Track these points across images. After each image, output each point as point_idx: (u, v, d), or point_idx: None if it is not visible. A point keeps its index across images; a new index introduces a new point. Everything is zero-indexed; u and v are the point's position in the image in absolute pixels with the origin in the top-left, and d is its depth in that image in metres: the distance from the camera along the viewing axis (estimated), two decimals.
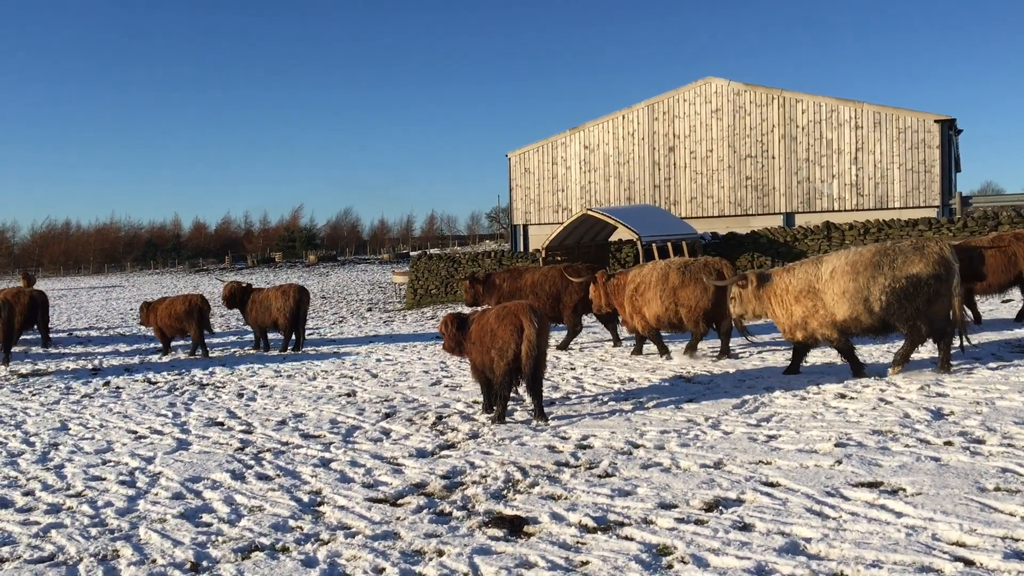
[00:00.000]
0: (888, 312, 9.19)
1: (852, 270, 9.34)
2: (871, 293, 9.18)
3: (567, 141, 35.88)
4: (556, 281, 13.96)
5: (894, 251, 9.26)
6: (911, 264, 9.13)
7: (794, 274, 9.87)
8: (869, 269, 9.25)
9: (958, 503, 5.26)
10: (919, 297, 9.09)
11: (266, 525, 5.76)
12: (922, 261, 9.12)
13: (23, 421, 10.17)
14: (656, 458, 6.85)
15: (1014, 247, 12.98)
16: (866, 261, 9.30)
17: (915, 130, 30.17)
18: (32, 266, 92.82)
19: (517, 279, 14.40)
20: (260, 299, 16.36)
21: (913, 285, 9.07)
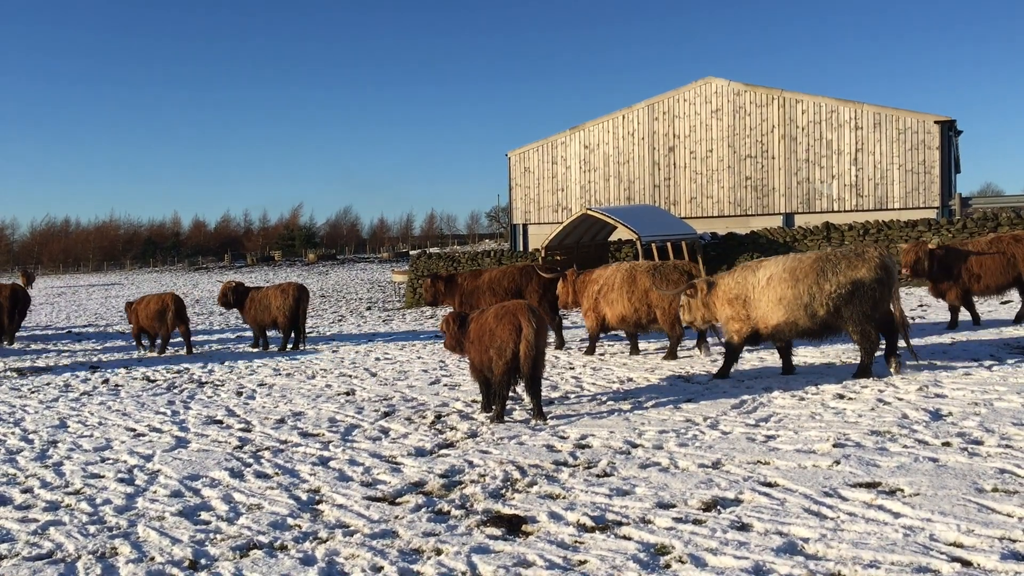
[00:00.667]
0: (835, 317, 9.43)
1: (791, 277, 9.55)
2: (815, 299, 9.40)
3: (567, 140, 35.88)
4: (514, 278, 14.28)
5: (836, 257, 9.50)
6: (855, 270, 9.37)
7: (734, 278, 10.17)
8: (811, 276, 9.45)
9: (956, 504, 5.27)
10: (865, 301, 9.35)
11: (264, 523, 5.76)
12: (865, 266, 9.36)
13: (22, 418, 10.17)
14: (654, 458, 6.85)
15: (1012, 249, 13.02)
16: (806, 268, 9.51)
17: (915, 131, 30.19)
18: (31, 263, 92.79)
19: (477, 278, 14.73)
20: (259, 298, 16.39)
21: (858, 290, 9.32)
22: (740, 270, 10.21)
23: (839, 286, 9.34)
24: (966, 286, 13.23)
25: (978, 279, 13.14)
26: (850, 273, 9.36)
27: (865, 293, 9.33)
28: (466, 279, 14.90)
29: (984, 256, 13.00)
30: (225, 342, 18.40)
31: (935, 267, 13.17)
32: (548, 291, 14.14)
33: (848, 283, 9.33)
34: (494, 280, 14.49)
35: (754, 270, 10.00)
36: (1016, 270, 13.06)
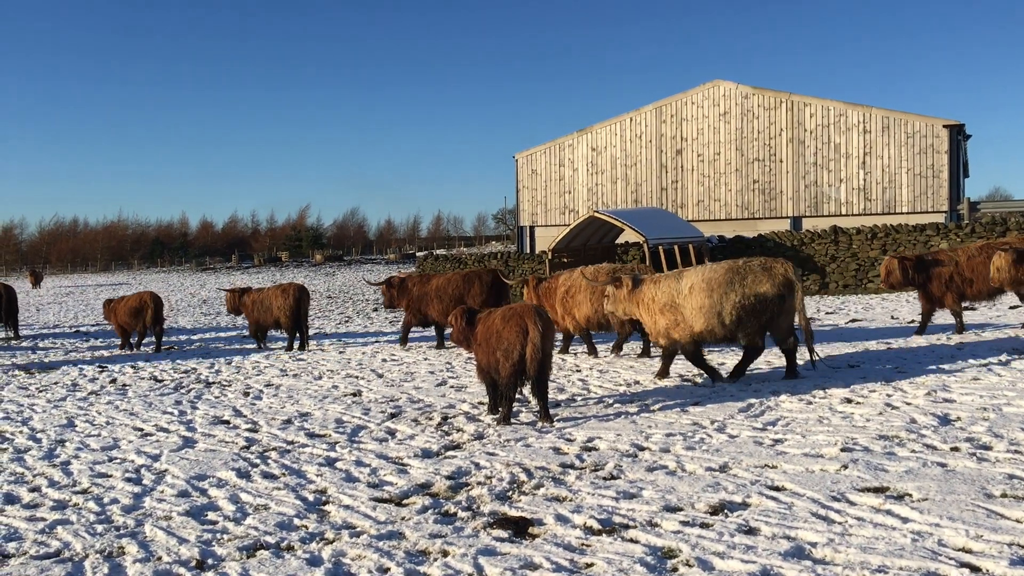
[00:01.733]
0: (737, 326, 9.89)
1: (707, 287, 9.95)
2: (723, 308, 9.82)
3: (574, 143, 35.89)
4: (458, 284, 14.94)
5: (744, 270, 9.90)
6: (759, 283, 9.81)
7: (659, 286, 10.46)
8: (722, 286, 9.87)
9: (965, 509, 5.25)
10: (765, 313, 9.80)
11: (271, 524, 5.77)
12: (769, 281, 9.80)
13: (30, 417, 10.20)
14: (661, 461, 6.84)
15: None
16: (719, 279, 9.92)
17: (924, 135, 30.13)
18: (39, 263, 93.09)
19: (426, 283, 15.33)
20: (260, 299, 16.50)
21: (760, 302, 9.76)
22: (665, 278, 10.54)
23: (744, 297, 9.77)
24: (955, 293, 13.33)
25: (971, 283, 13.23)
26: (755, 286, 9.80)
27: (767, 306, 9.77)
28: (416, 284, 15.44)
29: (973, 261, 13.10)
30: (231, 341, 18.43)
31: (910, 276, 13.46)
32: (489, 297, 14.74)
33: (752, 295, 9.76)
34: (440, 286, 15.14)
35: (678, 279, 10.38)
36: None
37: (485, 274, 15.12)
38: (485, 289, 14.78)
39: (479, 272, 15.20)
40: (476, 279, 15.01)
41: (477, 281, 14.95)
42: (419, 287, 15.31)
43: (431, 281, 15.29)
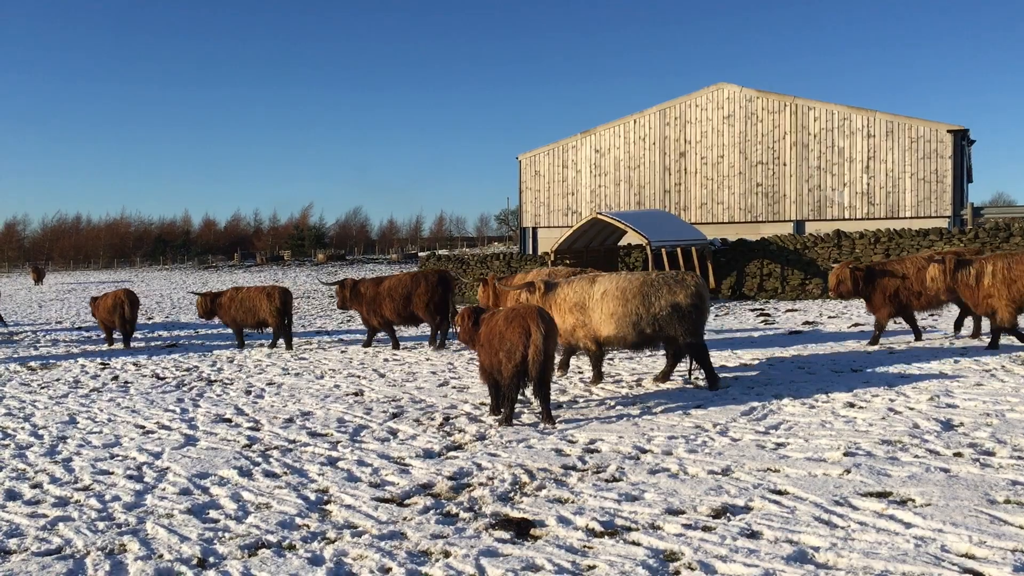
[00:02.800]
0: (658, 333, 10.33)
1: (622, 296, 10.36)
2: (642, 318, 10.23)
3: (578, 144, 35.89)
4: (407, 285, 15.51)
5: (660, 281, 10.40)
6: (675, 295, 10.30)
7: (572, 287, 10.85)
8: (639, 297, 10.30)
9: (968, 515, 5.24)
10: (685, 321, 10.25)
11: (273, 522, 5.76)
12: (683, 292, 10.31)
13: (32, 414, 10.20)
14: (664, 463, 6.83)
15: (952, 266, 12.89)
16: (635, 289, 10.35)
17: (927, 140, 30.12)
18: (42, 260, 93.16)
19: (378, 285, 15.86)
20: (239, 299, 16.69)
21: (677, 311, 10.23)
22: (578, 281, 10.92)
23: (662, 308, 10.23)
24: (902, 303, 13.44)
25: (918, 296, 13.31)
26: (670, 297, 10.29)
27: (684, 315, 10.23)
28: (368, 286, 15.96)
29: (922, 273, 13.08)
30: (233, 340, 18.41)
31: (860, 286, 13.51)
32: (434, 296, 15.29)
33: (668, 306, 10.23)
34: (391, 287, 15.66)
35: (591, 282, 10.76)
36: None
37: (432, 274, 15.71)
38: (431, 288, 15.37)
39: (426, 272, 15.81)
40: (423, 279, 15.56)
41: (424, 281, 15.51)
42: (372, 288, 15.89)
43: (383, 283, 15.89)
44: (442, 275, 15.68)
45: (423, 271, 15.97)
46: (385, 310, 15.61)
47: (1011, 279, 11.80)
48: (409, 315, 15.56)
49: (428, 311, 15.34)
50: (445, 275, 15.71)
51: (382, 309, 15.63)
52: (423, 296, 15.29)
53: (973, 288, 12.15)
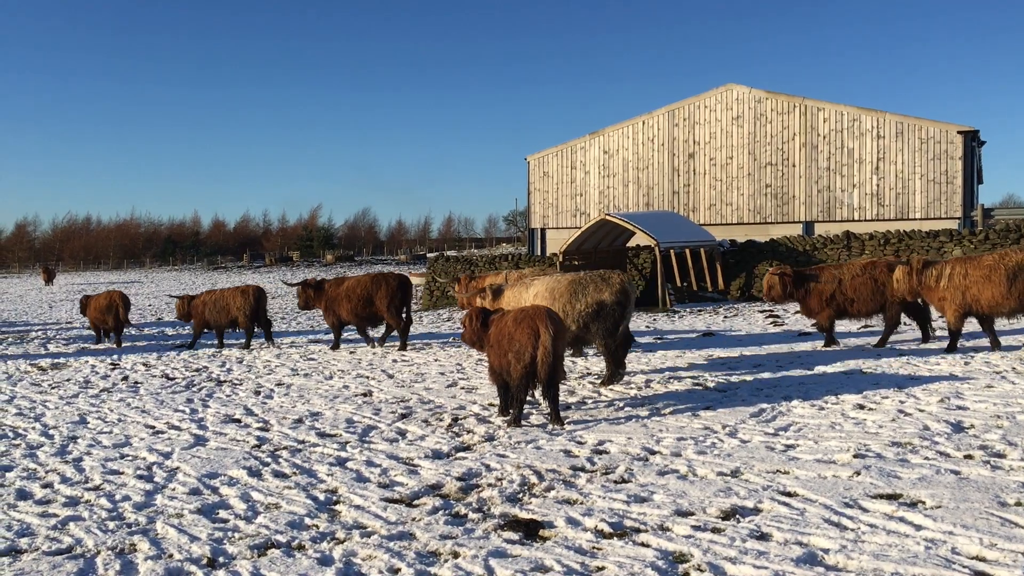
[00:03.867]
0: (584, 331, 10.68)
1: (550, 295, 10.81)
2: (568, 316, 10.52)
3: (587, 145, 35.87)
4: (367, 286, 15.82)
5: (586, 280, 10.80)
6: (601, 293, 10.66)
7: (512, 290, 11.42)
8: (565, 295, 10.73)
9: (978, 517, 5.21)
10: (608, 319, 10.58)
11: (282, 523, 5.78)
12: (609, 290, 10.65)
13: (42, 414, 10.25)
14: (673, 465, 6.82)
15: (884, 275, 13.21)
16: (562, 289, 10.80)
17: (938, 141, 30.00)
18: (52, 260, 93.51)
19: (339, 286, 16.26)
20: (214, 300, 17.15)
21: (602, 309, 10.57)
22: (518, 285, 11.49)
23: (587, 306, 10.58)
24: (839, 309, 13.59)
25: (851, 303, 13.45)
26: (596, 295, 10.66)
27: (609, 311, 10.56)
28: (330, 286, 16.37)
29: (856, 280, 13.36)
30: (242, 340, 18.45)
31: (789, 290, 13.77)
32: (394, 299, 15.70)
33: (594, 303, 10.58)
34: (351, 288, 15.98)
35: (527, 286, 11.29)
36: (884, 296, 13.26)
37: (392, 277, 16.07)
38: (391, 291, 15.73)
39: (386, 275, 16.17)
40: (383, 282, 15.89)
41: (384, 284, 15.84)
42: (333, 289, 16.26)
43: (344, 283, 16.24)
44: (402, 279, 16.12)
45: (384, 274, 16.34)
46: (342, 310, 16.04)
47: (965, 286, 11.95)
48: (369, 315, 15.95)
49: (391, 312, 15.73)
50: (405, 279, 16.15)
51: (341, 309, 16.04)
52: (383, 299, 15.67)
53: (932, 289, 12.34)
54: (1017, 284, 11.60)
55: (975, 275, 11.88)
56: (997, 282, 11.68)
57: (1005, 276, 11.65)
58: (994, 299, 11.75)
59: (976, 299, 11.89)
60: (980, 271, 11.86)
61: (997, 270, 11.72)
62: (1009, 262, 11.71)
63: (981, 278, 11.80)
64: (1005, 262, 11.74)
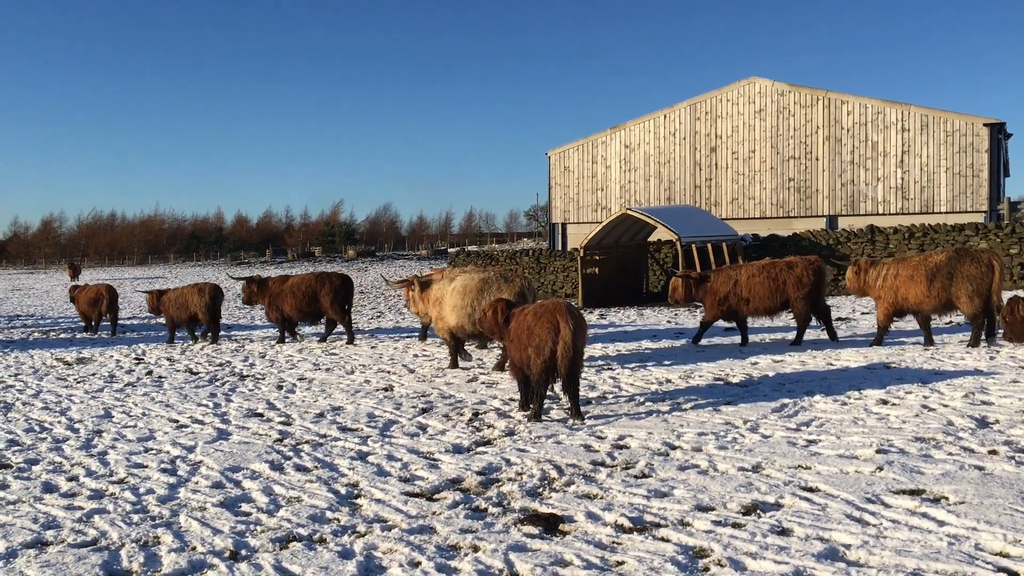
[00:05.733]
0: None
1: (463, 291, 12.00)
2: (475, 310, 11.68)
3: (607, 140, 35.77)
4: (310, 284, 16.45)
5: (492, 280, 11.90)
6: (501, 292, 11.74)
7: (439, 284, 12.69)
8: (474, 292, 11.90)
9: (1002, 513, 5.17)
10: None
11: (304, 516, 5.81)
12: (508, 290, 11.81)
13: (68, 408, 10.36)
14: (693, 460, 6.80)
15: (784, 274, 13.61)
16: (472, 287, 11.99)
17: (963, 133, 29.66)
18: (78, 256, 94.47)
19: (283, 283, 16.81)
20: (174, 297, 17.80)
21: None
22: (444, 280, 12.64)
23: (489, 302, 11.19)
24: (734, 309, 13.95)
25: (747, 303, 13.79)
26: (497, 294, 11.66)
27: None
28: (275, 283, 16.92)
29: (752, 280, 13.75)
30: (266, 334, 18.59)
31: (693, 291, 14.28)
32: (337, 296, 16.28)
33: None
34: (295, 285, 16.58)
35: (449, 281, 12.48)
36: (785, 295, 13.61)
37: (335, 276, 16.62)
38: (333, 289, 16.29)
39: (329, 274, 16.69)
40: (326, 280, 16.44)
41: (327, 282, 16.39)
42: (277, 285, 16.79)
43: (288, 280, 16.77)
44: (344, 278, 16.70)
45: (327, 272, 16.84)
46: (286, 306, 16.59)
47: (895, 284, 12.57)
48: (311, 312, 16.54)
49: (335, 309, 16.32)
50: (347, 278, 16.75)
51: (284, 305, 16.58)
52: (326, 296, 16.26)
53: (872, 288, 12.93)
54: (935, 284, 12.20)
55: (904, 275, 12.50)
56: (919, 282, 12.31)
57: (925, 276, 12.28)
58: (917, 298, 12.38)
59: (905, 298, 12.51)
60: (907, 271, 12.48)
61: (919, 270, 12.35)
62: (930, 263, 12.34)
63: (907, 278, 12.44)
64: (927, 263, 12.38)
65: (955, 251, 12.37)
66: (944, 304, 12.27)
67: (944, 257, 12.27)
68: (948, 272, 12.12)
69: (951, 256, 12.24)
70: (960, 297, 12.07)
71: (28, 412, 10.17)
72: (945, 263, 12.19)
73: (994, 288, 11.95)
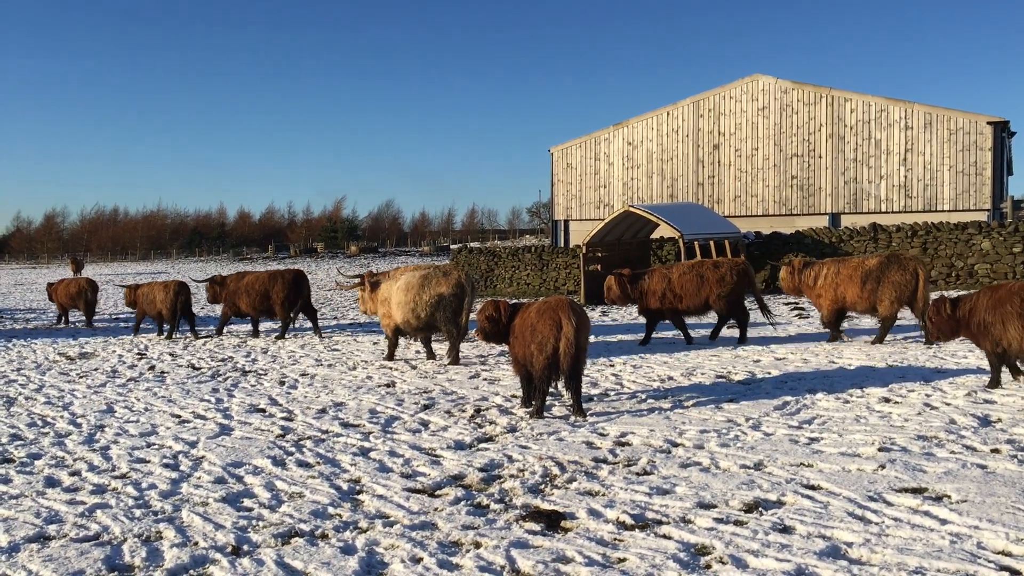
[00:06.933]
0: (431, 318, 12.40)
1: (406, 287, 12.53)
2: (417, 305, 12.33)
3: (610, 137, 35.73)
4: (264, 282, 16.94)
5: (432, 275, 12.47)
6: (440, 286, 12.30)
7: (387, 283, 13.05)
8: (415, 288, 12.42)
9: (1005, 512, 5.16)
10: (448, 309, 12.27)
11: (306, 512, 5.82)
12: (447, 284, 12.31)
13: (70, 403, 10.38)
14: (695, 457, 6.80)
15: (708, 273, 13.99)
16: (414, 283, 12.48)
17: (967, 131, 29.60)
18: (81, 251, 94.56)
19: (240, 280, 17.36)
20: (145, 292, 18.30)
21: (442, 300, 12.28)
22: (389, 279, 13.11)
23: (431, 297, 12.29)
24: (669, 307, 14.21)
25: (680, 300, 14.11)
26: (437, 288, 12.30)
27: (447, 302, 12.26)
28: (232, 281, 17.45)
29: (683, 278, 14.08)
30: (267, 331, 18.59)
31: (628, 290, 14.42)
32: (290, 293, 16.67)
33: (436, 295, 12.28)
34: (250, 283, 17.08)
35: (394, 280, 12.96)
36: (706, 293, 13.96)
37: (288, 273, 17.02)
38: (287, 286, 16.74)
39: (282, 272, 17.12)
40: (280, 277, 16.90)
41: (280, 279, 16.86)
42: (234, 283, 17.31)
43: (245, 278, 17.30)
44: (297, 274, 17.02)
45: (281, 270, 17.25)
46: (241, 303, 17.07)
47: (836, 283, 13.12)
48: (265, 309, 17.00)
49: (282, 307, 16.77)
50: (300, 274, 17.07)
51: (240, 302, 17.09)
52: (280, 293, 16.72)
53: (811, 288, 13.47)
54: (867, 286, 12.86)
55: (844, 275, 13.12)
56: (856, 282, 12.94)
57: (860, 278, 12.92)
58: (853, 297, 13.01)
59: (843, 296, 13.12)
60: (847, 271, 13.11)
61: (857, 272, 12.99)
62: (866, 266, 13.02)
63: (847, 278, 13.06)
64: (863, 266, 13.05)
65: (886, 257, 13.09)
66: (873, 305, 12.96)
67: (876, 261, 12.97)
68: (878, 276, 12.85)
69: (882, 261, 12.95)
70: (883, 300, 12.82)
71: (31, 406, 10.18)
72: (876, 267, 12.92)
73: (919, 295, 12.71)
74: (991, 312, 8.79)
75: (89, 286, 20.94)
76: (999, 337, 8.76)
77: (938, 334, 9.54)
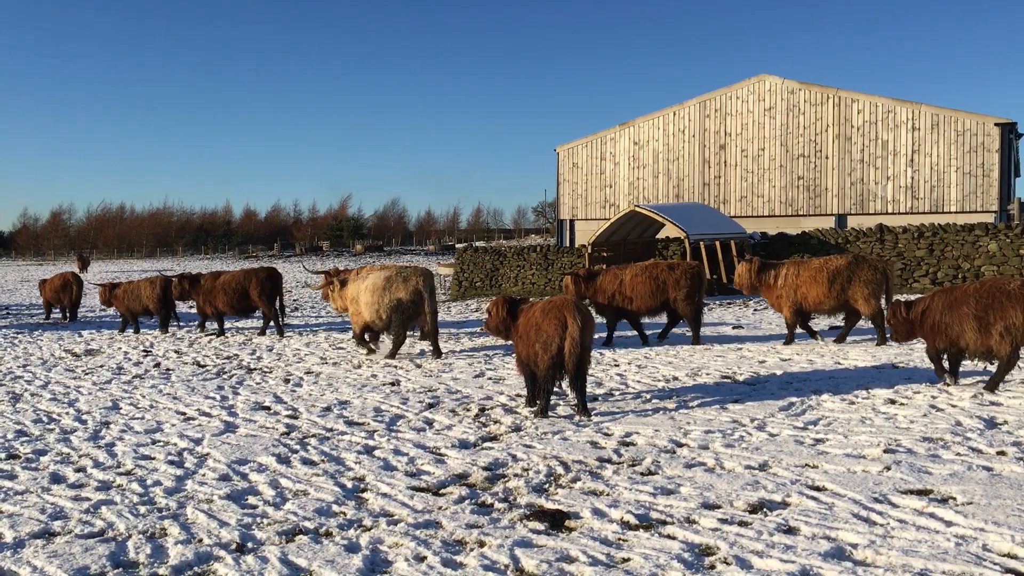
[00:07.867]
0: (389, 320, 13.03)
1: (372, 288, 13.05)
2: (380, 307, 12.95)
3: (616, 136, 35.70)
4: (240, 281, 17.25)
5: (393, 279, 12.96)
6: (399, 291, 12.86)
7: (355, 282, 13.60)
8: (379, 291, 12.93)
9: (1011, 514, 5.15)
10: (404, 312, 12.92)
11: (310, 509, 5.82)
12: (405, 288, 12.87)
13: (76, 399, 10.40)
14: (700, 458, 6.79)
15: (665, 275, 14.16)
16: (379, 284, 13.01)
17: (974, 133, 29.53)
18: (87, 248, 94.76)
19: (215, 279, 17.65)
20: (130, 289, 18.42)
21: (400, 304, 12.89)
22: (357, 279, 13.60)
23: (390, 299, 12.85)
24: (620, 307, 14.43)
25: (631, 301, 14.27)
26: (396, 293, 12.83)
27: (404, 307, 12.88)
28: (207, 280, 17.74)
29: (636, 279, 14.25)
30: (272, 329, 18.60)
31: (583, 290, 14.60)
32: (264, 290, 17.02)
33: (395, 299, 12.86)
34: (226, 282, 17.39)
35: (363, 279, 13.42)
36: (665, 295, 14.12)
37: (262, 271, 17.30)
38: (261, 283, 17.05)
39: (256, 270, 17.39)
40: (253, 276, 17.18)
41: (254, 277, 17.13)
42: (209, 282, 17.59)
43: (220, 277, 17.57)
44: (271, 272, 17.34)
45: (254, 269, 17.53)
46: (219, 302, 17.35)
47: (796, 284, 13.33)
48: (243, 307, 17.37)
49: (264, 302, 17.10)
50: (274, 272, 17.39)
51: (216, 301, 17.40)
52: (254, 291, 17.02)
53: (771, 287, 13.65)
54: (835, 286, 13.03)
55: (805, 276, 13.29)
56: (821, 283, 13.10)
57: (827, 278, 13.06)
58: (818, 298, 13.18)
59: (805, 297, 13.28)
60: (809, 273, 13.28)
61: (821, 273, 13.15)
62: (831, 267, 13.18)
63: (809, 279, 13.23)
64: (828, 266, 13.20)
65: (853, 257, 13.28)
66: (841, 305, 13.18)
67: (844, 261, 13.16)
68: (848, 275, 13.02)
69: (851, 261, 13.18)
70: (858, 299, 12.99)
71: (36, 403, 10.21)
72: (845, 267, 13.09)
73: (888, 296, 12.84)
74: (948, 313, 8.98)
75: (75, 280, 21.31)
76: (956, 338, 8.93)
77: (896, 335, 9.78)
